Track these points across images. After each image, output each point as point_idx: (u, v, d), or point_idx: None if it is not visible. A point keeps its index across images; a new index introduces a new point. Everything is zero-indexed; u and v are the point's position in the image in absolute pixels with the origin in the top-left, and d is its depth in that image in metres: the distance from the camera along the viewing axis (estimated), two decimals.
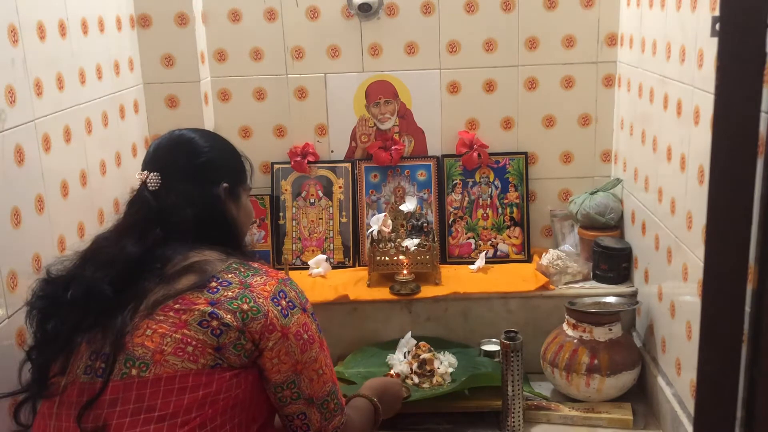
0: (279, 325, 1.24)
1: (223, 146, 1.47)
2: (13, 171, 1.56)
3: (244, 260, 1.31)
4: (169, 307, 1.20)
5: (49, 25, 1.77)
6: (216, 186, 1.38)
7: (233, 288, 1.23)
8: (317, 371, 1.30)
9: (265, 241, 2.58)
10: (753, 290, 1.40)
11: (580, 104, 2.55)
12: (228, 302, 1.21)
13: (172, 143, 1.42)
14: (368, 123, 2.61)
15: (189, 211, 1.32)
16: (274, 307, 1.24)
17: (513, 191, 2.58)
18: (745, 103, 1.29)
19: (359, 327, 2.34)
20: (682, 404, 1.90)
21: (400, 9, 2.50)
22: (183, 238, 1.30)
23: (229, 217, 1.39)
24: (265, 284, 1.26)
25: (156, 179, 1.35)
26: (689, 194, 1.82)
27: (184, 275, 1.24)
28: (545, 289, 2.33)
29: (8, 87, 1.56)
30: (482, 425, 2.11)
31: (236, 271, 1.26)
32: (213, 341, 1.19)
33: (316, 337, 1.30)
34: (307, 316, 1.29)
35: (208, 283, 1.22)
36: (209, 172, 1.39)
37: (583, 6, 2.46)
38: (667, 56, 1.96)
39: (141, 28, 2.37)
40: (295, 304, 1.27)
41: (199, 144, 1.41)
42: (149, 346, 1.18)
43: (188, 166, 1.38)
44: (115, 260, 1.26)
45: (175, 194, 1.34)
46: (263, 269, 1.30)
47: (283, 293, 1.26)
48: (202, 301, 1.20)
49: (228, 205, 1.40)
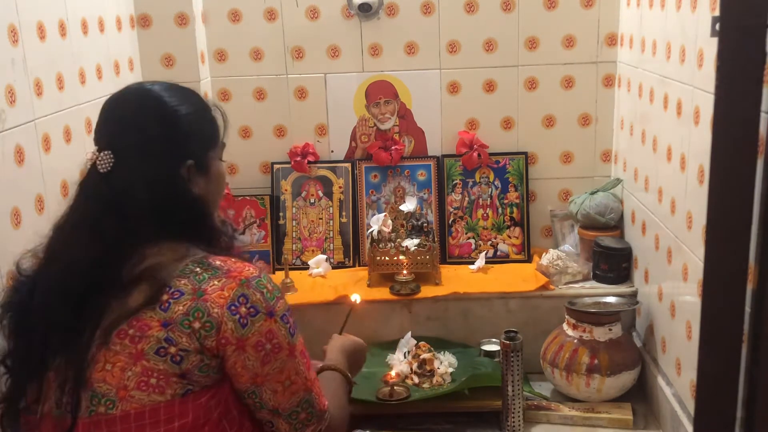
0: (234, 337, 1.10)
1: (194, 105, 1.24)
2: (13, 171, 1.56)
3: (205, 254, 1.16)
4: (124, 333, 1.09)
5: (49, 25, 1.77)
6: (179, 164, 1.18)
7: (185, 300, 1.09)
8: (283, 382, 1.17)
9: (265, 241, 2.58)
10: (753, 290, 1.40)
11: (580, 104, 2.54)
12: (181, 321, 1.08)
13: (131, 106, 1.21)
14: (368, 123, 2.61)
15: (145, 197, 1.15)
16: (230, 317, 1.10)
17: (513, 191, 2.58)
18: (745, 103, 1.29)
19: (359, 327, 2.33)
20: (682, 404, 1.90)
21: (400, 9, 2.50)
22: (139, 229, 1.15)
23: (193, 200, 1.20)
24: (223, 288, 1.11)
25: (107, 159, 1.15)
26: (689, 194, 1.82)
27: (137, 285, 1.11)
28: (545, 289, 2.33)
29: (8, 87, 1.56)
30: (482, 425, 2.11)
31: (191, 275, 1.11)
32: (175, 369, 1.08)
33: (284, 344, 1.15)
34: (273, 322, 1.13)
35: (159, 297, 1.09)
36: (174, 147, 1.18)
37: (583, 6, 2.46)
38: (667, 56, 1.96)
39: (141, 28, 2.37)
40: (258, 310, 1.12)
41: (165, 106, 1.19)
42: (111, 382, 1.08)
43: (149, 139, 1.17)
44: (71, 265, 1.14)
45: (128, 177, 1.15)
46: (225, 267, 1.13)
47: (244, 298, 1.11)
48: (155, 323, 1.08)
49: (193, 186, 1.20)
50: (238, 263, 1.15)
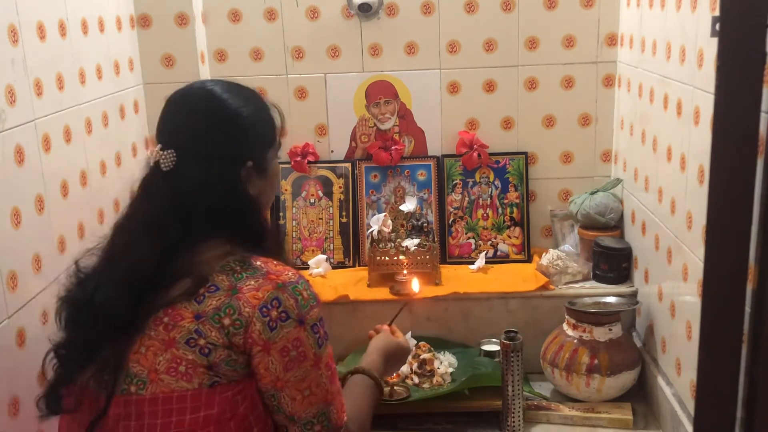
0: (261, 339, 1.12)
1: (255, 106, 1.25)
2: (13, 171, 1.56)
3: (248, 255, 1.17)
4: (159, 320, 1.13)
5: (49, 25, 1.77)
6: (240, 166, 1.20)
7: (219, 295, 1.12)
8: (303, 391, 1.16)
9: None
10: (753, 290, 1.40)
11: (580, 104, 2.54)
12: (212, 315, 1.11)
13: (195, 106, 1.22)
14: (368, 123, 2.61)
15: (205, 197, 1.17)
16: (260, 318, 1.11)
17: (513, 191, 2.58)
18: (745, 103, 1.29)
19: (359, 327, 2.34)
20: (682, 404, 1.90)
21: (400, 9, 2.50)
22: (198, 227, 1.17)
23: (249, 200, 1.21)
24: (258, 289, 1.12)
25: (170, 158, 1.17)
26: (689, 194, 1.82)
27: (181, 279, 1.15)
28: (545, 289, 2.33)
29: (8, 87, 1.56)
30: (482, 425, 2.11)
31: (230, 272, 1.14)
32: (203, 360, 1.11)
33: (309, 354, 1.15)
34: (302, 330, 1.14)
35: (197, 291, 1.12)
36: (235, 149, 1.20)
37: (583, 6, 2.46)
38: (667, 56, 1.96)
39: (141, 28, 2.37)
40: (289, 315, 1.13)
41: (228, 108, 1.20)
42: (144, 364, 1.12)
43: (211, 141, 1.19)
44: (137, 264, 1.16)
45: (190, 177, 1.17)
46: (264, 268, 1.15)
47: (277, 301, 1.12)
48: (188, 314, 1.11)
49: (250, 186, 1.22)
50: (279, 266, 1.17)
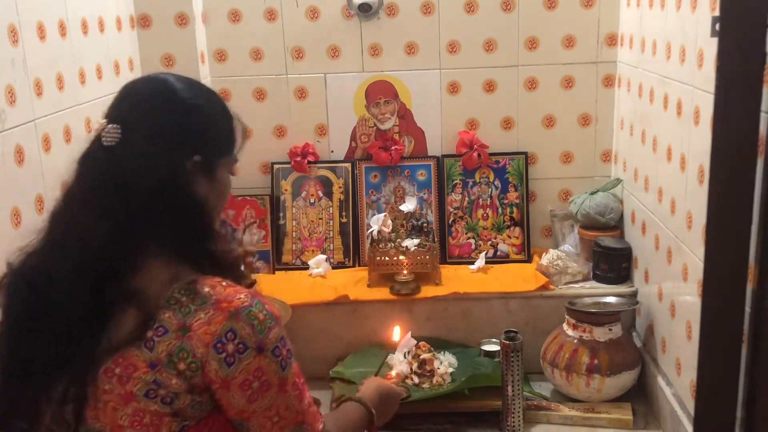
0: (219, 377, 1.03)
1: (215, 107, 1.20)
2: (13, 171, 1.56)
3: (194, 278, 1.07)
4: (111, 372, 1.03)
5: (49, 25, 1.77)
6: (187, 158, 1.12)
7: (169, 339, 1.02)
8: (272, 418, 1.08)
9: (265, 241, 2.58)
10: (753, 290, 1.40)
11: (580, 104, 2.54)
12: (167, 361, 1.02)
13: (146, 90, 1.16)
14: (368, 123, 2.61)
15: (146, 181, 1.08)
16: (215, 356, 1.02)
17: (513, 191, 2.58)
18: (745, 103, 1.29)
19: (359, 327, 2.34)
20: (682, 404, 1.90)
21: (400, 9, 2.50)
22: (141, 214, 1.08)
23: (194, 200, 1.12)
24: (210, 322, 1.02)
25: (114, 133, 1.09)
26: (689, 194, 1.82)
27: (128, 307, 1.05)
28: (545, 289, 2.33)
29: (8, 87, 1.56)
30: (482, 425, 2.11)
31: (176, 306, 1.04)
32: (167, 409, 1.03)
33: (274, 380, 1.06)
34: (263, 358, 1.05)
35: (144, 333, 1.03)
36: (185, 138, 1.13)
37: (583, 6, 2.46)
38: (667, 56, 1.96)
39: (141, 28, 2.37)
40: (247, 346, 1.03)
41: (181, 97, 1.14)
42: (105, 421, 1.05)
43: (159, 122, 1.12)
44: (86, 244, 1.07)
45: (132, 156, 1.08)
46: (214, 296, 1.04)
47: (232, 333, 1.03)
48: (141, 363, 1.02)
49: (196, 184, 1.13)
50: (229, 288, 1.06)
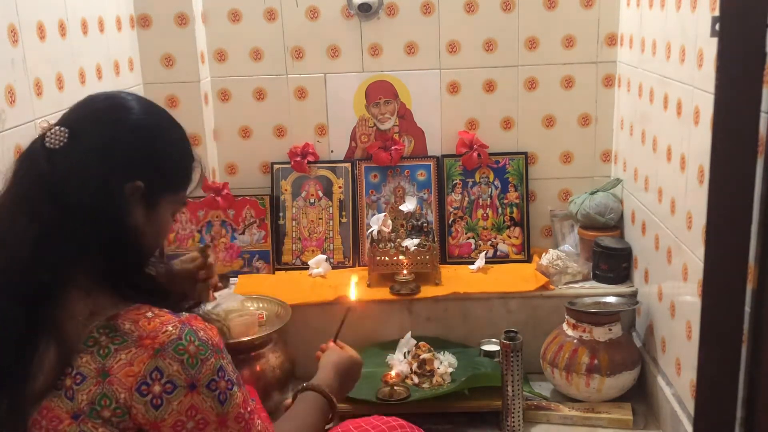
0: (147, 420, 0.95)
1: (170, 136, 1.11)
2: None
3: (114, 313, 0.98)
4: (38, 424, 0.96)
5: (49, 25, 1.77)
6: (127, 180, 1.03)
7: (88, 386, 0.95)
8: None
9: (265, 241, 2.58)
10: (753, 290, 1.40)
11: (580, 104, 2.54)
12: (89, 410, 0.95)
13: (104, 103, 1.09)
14: (368, 123, 2.61)
15: (79, 196, 1.00)
16: (140, 399, 0.94)
17: (513, 191, 2.58)
18: (745, 103, 1.29)
19: (359, 327, 2.34)
20: (682, 404, 1.90)
21: (400, 9, 2.50)
22: (66, 229, 0.99)
23: (126, 228, 1.03)
24: (132, 363, 0.94)
25: (60, 135, 1.01)
26: (689, 194, 1.82)
27: (48, 345, 0.98)
28: (545, 289, 2.33)
29: (8, 87, 1.56)
30: (482, 425, 2.11)
31: (95, 349, 0.96)
32: None
33: (211, 417, 0.98)
34: (196, 395, 0.97)
35: (63, 383, 0.95)
36: (128, 158, 1.04)
37: (583, 6, 2.46)
38: (667, 56, 1.96)
39: (141, 28, 2.37)
40: (176, 385, 0.95)
41: (136, 118, 1.07)
42: None
43: (106, 137, 1.03)
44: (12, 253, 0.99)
45: (72, 166, 1.00)
46: (136, 332, 0.96)
47: (158, 372, 0.94)
48: (64, 414, 0.95)
49: (131, 212, 1.04)
50: (155, 321, 0.97)
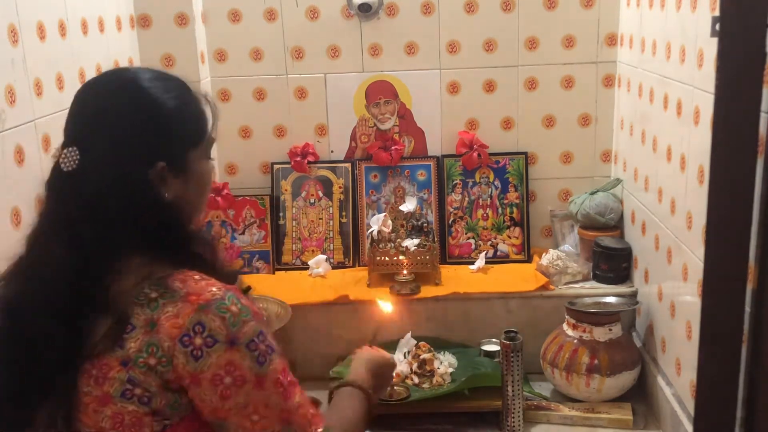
0: (187, 372, 0.98)
1: (176, 98, 1.09)
2: (13, 171, 1.56)
3: (168, 274, 1.03)
4: (88, 373, 1.00)
5: (49, 25, 1.77)
6: (148, 168, 1.04)
7: (137, 335, 0.99)
8: (250, 417, 1.01)
9: (265, 241, 2.58)
10: (753, 290, 1.40)
11: (580, 104, 2.54)
12: (137, 358, 0.98)
13: (92, 105, 1.08)
14: (368, 123, 2.61)
15: (111, 201, 1.02)
16: (182, 350, 0.97)
17: (513, 191, 2.58)
18: (745, 103, 1.29)
19: (359, 327, 2.34)
20: (682, 404, 1.90)
21: (400, 9, 2.50)
22: (114, 235, 1.03)
23: (166, 208, 1.06)
24: (178, 316, 0.98)
25: (72, 157, 1.03)
26: (689, 194, 1.82)
27: (102, 316, 1.01)
28: (545, 289, 2.33)
29: (8, 87, 1.56)
30: (482, 425, 2.11)
31: (145, 302, 1.00)
32: (145, 409, 0.99)
33: (249, 376, 1.00)
34: (235, 351, 0.99)
35: (120, 334, 0.99)
36: (141, 147, 1.05)
37: (583, 6, 2.46)
38: (667, 56, 1.96)
39: (141, 28, 2.37)
40: (216, 339, 0.98)
41: (127, 106, 1.06)
42: (89, 423, 1.01)
43: (119, 136, 1.04)
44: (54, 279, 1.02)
45: (94, 178, 1.02)
46: (184, 289, 1.00)
47: (200, 326, 0.98)
48: (114, 362, 0.99)
49: (166, 190, 1.06)
50: (201, 282, 1.02)
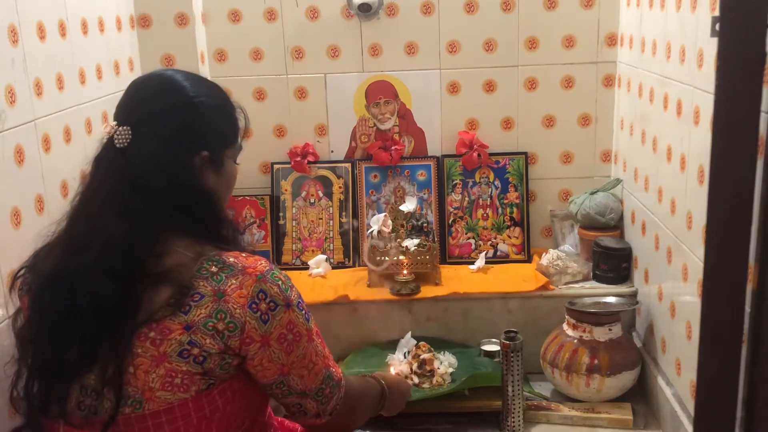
0: (258, 335, 1.13)
1: (217, 100, 1.26)
2: (13, 171, 1.55)
3: (217, 252, 1.15)
4: (145, 336, 1.10)
5: (49, 25, 1.77)
6: (194, 154, 1.19)
7: (206, 303, 1.10)
8: (307, 366, 1.20)
9: (265, 241, 2.58)
10: (753, 290, 1.40)
11: (580, 104, 2.54)
12: (203, 323, 1.10)
13: (152, 89, 1.23)
14: (368, 123, 2.61)
15: (158, 179, 1.14)
16: (252, 315, 1.12)
17: (513, 191, 2.58)
18: (745, 103, 1.29)
19: (359, 327, 2.34)
20: (682, 404, 1.90)
21: (400, 9, 2.50)
22: (160, 208, 1.15)
23: (205, 192, 1.21)
24: (242, 286, 1.12)
25: (126, 134, 1.16)
26: (689, 194, 1.82)
27: (160, 285, 1.11)
28: (545, 289, 2.33)
29: (8, 87, 1.56)
30: (482, 425, 2.11)
31: (209, 276, 1.12)
32: (198, 368, 1.11)
33: (303, 331, 1.18)
34: (291, 312, 1.16)
35: (182, 300, 1.10)
36: (191, 135, 1.19)
37: (583, 6, 2.46)
38: (667, 56, 1.96)
39: (141, 28, 2.37)
40: (277, 303, 1.14)
41: (185, 95, 1.21)
42: (136, 385, 1.10)
43: (167, 123, 1.18)
44: (108, 245, 1.12)
45: (145, 155, 1.15)
46: (239, 264, 1.14)
47: (262, 294, 1.13)
48: (176, 326, 1.09)
49: (205, 178, 1.21)
50: (250, 258, 1.17)
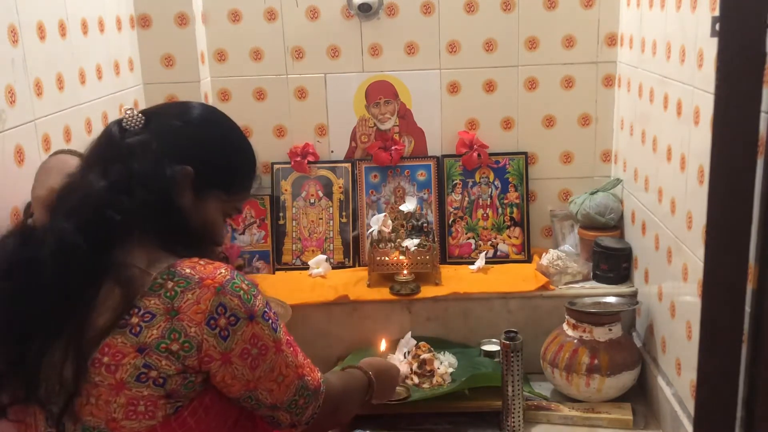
0: (218, 352, 1.06)
1: (225, 134, 1.25)
2: (13, 171, 1.56)
3: (174, 261, 1.09)
4: (99, 362, 1.04)
5: (49, 25, 1.77)
6: (179, 162, 1.14)
7: (158, 322, 1.03)
8: (275, 379, 1.14)
9: (265, 241, 2.58)
10: (753, 290, 1.40)
11: (580, 104, 2.54)
12: (155, 345, 1.03)
13: (176, 102, 1.32)
14: (368, 123, 2.61)
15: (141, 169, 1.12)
16: (210, 332, 1.05)
17: (513, 191, 2.58)
18: (745, 103, 1.29)
19: (359, 327, 2.34)
20: (682, 404, 1.90)
21: (400, 9, 2.50)
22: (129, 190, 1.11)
23: (175, 204, 1.14)
24: (199, 301, 1.04)
25: (137, 120, 1.17)
26: (689, 194, 1.82)
27: (112, 287, 1.06)
28: (545, 289, 2.33)
29: (8, 87, 1.56)
30: (482, 425, 2.11)
31: (161, 291, 1.05)
32: (160, 392, 1.05)
33: (269, 343, 1.11)
34: (255, 324, 1.08)
35: (129, 319, 1.03)
36: (181, 146, 1.17)
37: (583, 6, 2.46)
38: (667, 56, 1.96)
39: (141, 28, 2.37)
40: (238, 317, 1.06)
41: (196, 114, 1.22)
42: (99, 416, 1.06)
43: (167, 126, 1.18)
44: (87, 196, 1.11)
45: (138, 141, 1.14)
46: (196, 276, 1.06)
47: (222, 308, 1.05)
48: (129, 349, 1.03)
49: (181, 192, 1.15)
50: (208, 267, 1.08)
